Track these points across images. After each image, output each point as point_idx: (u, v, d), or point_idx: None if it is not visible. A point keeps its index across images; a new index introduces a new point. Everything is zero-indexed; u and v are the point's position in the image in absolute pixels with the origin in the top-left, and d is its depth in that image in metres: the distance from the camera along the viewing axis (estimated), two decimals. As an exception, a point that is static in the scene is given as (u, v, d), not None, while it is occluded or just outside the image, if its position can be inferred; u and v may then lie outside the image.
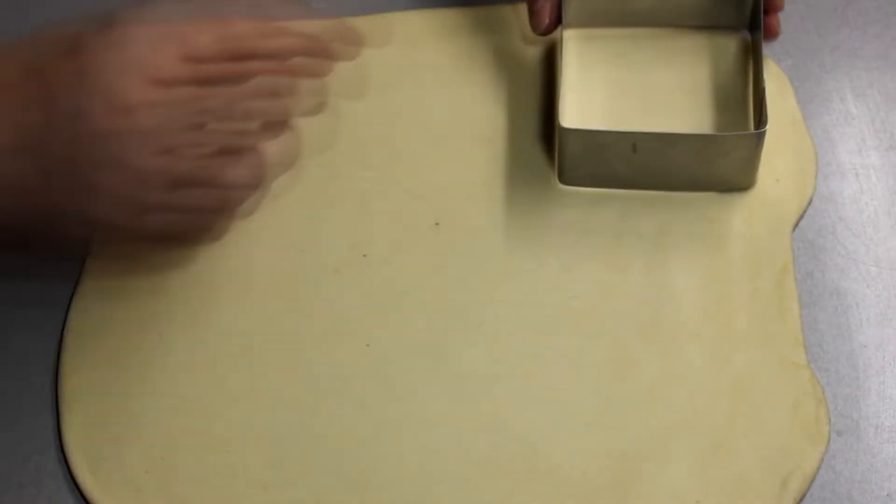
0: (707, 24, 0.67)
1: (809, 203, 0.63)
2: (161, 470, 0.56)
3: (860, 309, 0.60)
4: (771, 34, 0.66)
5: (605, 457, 0.55)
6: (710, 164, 0.61)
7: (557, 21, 0.65)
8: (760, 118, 0.61)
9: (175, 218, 0.55)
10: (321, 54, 0.58)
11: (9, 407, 0.58)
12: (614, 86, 0.64)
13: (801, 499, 0.55)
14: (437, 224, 0.63)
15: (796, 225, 0.62)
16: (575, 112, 0.64)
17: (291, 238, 0.62)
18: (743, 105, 0.65)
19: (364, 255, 0.62)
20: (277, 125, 0.56)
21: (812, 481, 0.55)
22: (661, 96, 0.66)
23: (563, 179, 0.63)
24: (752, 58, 0.66)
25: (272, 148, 0.56)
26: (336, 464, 0.56)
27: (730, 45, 0.67)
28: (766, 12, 0.65)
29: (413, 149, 0.65)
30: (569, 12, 0.66)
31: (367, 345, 0.59)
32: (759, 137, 0.60)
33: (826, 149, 0.65)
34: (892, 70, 0.68)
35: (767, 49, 0.66)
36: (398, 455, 0.56)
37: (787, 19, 0.67)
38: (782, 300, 0.59)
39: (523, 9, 0.69)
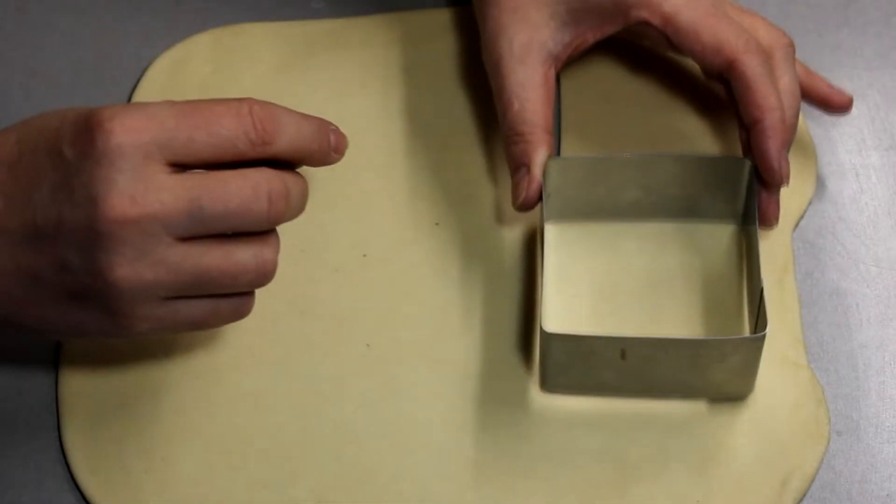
0: (696, 218, 0.61)
1: (809, 203, 0.63)
2: (161, 470, 0.56)
3: (860, 309, 0.60)
4: (766, 222, 0.59)
5: (604, 457, 0.55)
6: (705, 371, 0.55)
7: (538, 198, 0.58)
8: (758, 320, 0.56)
9: (203, 304, 0.52)
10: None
11: (9, 407, 0.58)
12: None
13: (801, 499, 0.55)
14: (436, 224, 0.63)
15: (796, 225, 0.62)
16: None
17: (291, 238, 0.62)
18: (739, 298, 0.59)
19: (364, 255, 0.62)
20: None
21: (812, 481, 0.55)
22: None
23: (546, 387, 0.57)
24: (746, 251, 0.60)
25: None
26: (336, 464, 0.56)
27: (723, 232, 0.61)
28: (764, 188, 0.59)
29: (413, 149, 0.65)
30: (549, 207, 0.59)
31: (367, 345, 0.59)
32: (758, 342, 0.54)
33: (826, 149, 0.65)
34: (892, 70, 0.68)
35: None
36: (398, 455, 0.56)
37: (787, 19, 0.67)
38: (782, 300, 0.59)
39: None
